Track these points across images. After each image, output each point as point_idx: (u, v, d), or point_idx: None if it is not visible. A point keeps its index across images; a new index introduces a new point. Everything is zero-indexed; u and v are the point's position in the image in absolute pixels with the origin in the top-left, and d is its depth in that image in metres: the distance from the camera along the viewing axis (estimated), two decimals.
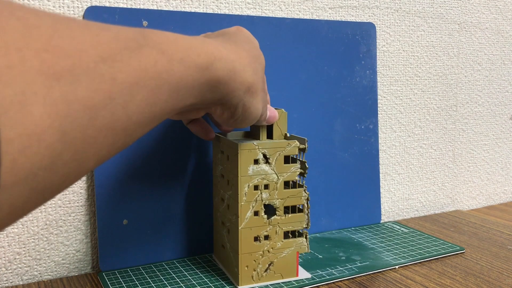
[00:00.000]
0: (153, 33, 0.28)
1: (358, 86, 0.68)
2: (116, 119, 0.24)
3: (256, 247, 0.49)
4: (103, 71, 0.23)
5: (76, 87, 0.22)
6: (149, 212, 0.56)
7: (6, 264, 0.53)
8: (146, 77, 0.26)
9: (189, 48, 0.30)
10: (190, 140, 0.58)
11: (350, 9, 0.70)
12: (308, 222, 0.51)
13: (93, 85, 0.22)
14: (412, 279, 0.52)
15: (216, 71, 0.33)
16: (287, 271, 0.50)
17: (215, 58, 0.33)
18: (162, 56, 0.27)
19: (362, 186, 0.69)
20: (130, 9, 0.54)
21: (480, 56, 0.84)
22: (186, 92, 0.30)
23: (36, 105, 0.20)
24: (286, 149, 0.49)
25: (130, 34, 0.26)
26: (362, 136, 0.69)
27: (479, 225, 0.71)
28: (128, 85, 0.25)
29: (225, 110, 0.39)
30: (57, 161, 0.21)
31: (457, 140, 0.83)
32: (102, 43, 0.24)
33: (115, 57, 0.24)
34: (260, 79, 0.40)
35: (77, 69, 0.22)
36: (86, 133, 0.22)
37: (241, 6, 0.62)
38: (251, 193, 0.49)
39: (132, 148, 0.55)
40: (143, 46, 0.26)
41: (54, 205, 0.54)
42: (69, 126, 0.21)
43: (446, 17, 0.79)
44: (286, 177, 0.50)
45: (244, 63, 0.37)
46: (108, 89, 0.23)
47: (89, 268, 0.57)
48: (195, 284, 0.50)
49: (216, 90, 0.34)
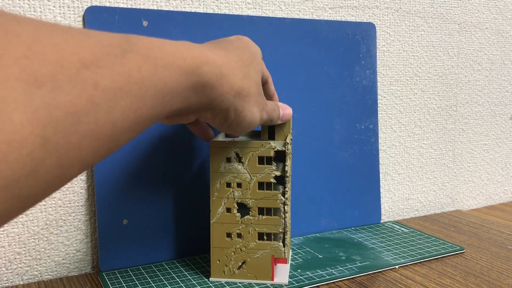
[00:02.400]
0: (137, 39, 0.28)
1: (358, 86, 0.68)
2: (100, 125, 0.24)
3: (228, 243, 0.50)
4: (85, 77, 0.23)
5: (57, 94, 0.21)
6: (149, 212, 0.56)
7: (7, 264, 0.53)
8: (131, 83, 0.26)
9: (175, 53, 0.30)
10: (190, 140, 0.58)
11: (350, 9, 0.70)
12: (285, 227, 0.50)
13: (75, 91, 0.22)
14: (412, 279, 0.52)
15: (202, 76, 0.33)
16: (261, 273, 0.50)
17: (201, 62, 0.33)
18: (146, 61, 0.27)
19: (362, 186, 0.69)
20: (130, 9, 0.55)
21: (480, 56, 0.84)
22: (172, 97, 0.30)
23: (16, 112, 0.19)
24: (260, 150, 0.49)
25: (114, 40, 0.26)
26: (362, 136, 0.69)
27: (479, 225, 0.71)
28: (112, 91, 0.24)
29: (216, 115, 0.38)
30: (39, 168, 0.21)
31: (457, 140, 0.83)
32: (85, 49, 0.24)
33: (98, 63, 0.24)
34: (253, 83, 0.39)
35: (59, 76, 0.22)
36: (69, 139, 0.22)
37: (241, 6, 0.62)
38: (223, 190, 0.49)
39: (132, 149, 0.55)
40: (127, 51, 0.26)
41: (55, 205, 0.54)
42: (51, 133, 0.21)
43: (446, 17, 0.79)
44: (260, 178, 0.49)
45: (233, 67, 0.37)
46: (91, 95, 0.23)
47: (89, 268, 0.57)
48: (195, 284, 0.50)
49: (202, 94, 0.34)
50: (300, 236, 0.64)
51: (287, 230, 0.50)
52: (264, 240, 0.50)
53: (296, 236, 0.64)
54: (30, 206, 0.22)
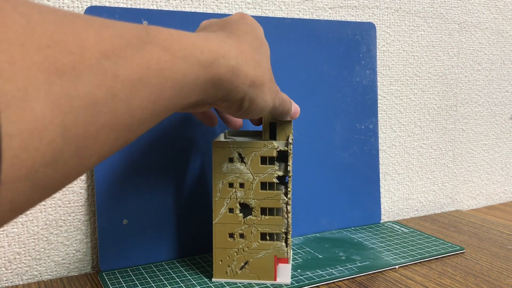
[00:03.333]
0: (156, 30, 0.28)
1: (358, 86, 0.68)
2: (119, 115, 0.24)
3: (231, 243, 0.50)
4: (105, 67, 0.23)
5: (78, 83, 0.22)
6: (149, 212, 0.56)
7: (6, 264, 0.53)
8: (149, 74, 0.26)
9: (192, 45, 0.30)
10: (190, 140, 0.58)
11: (350, 9, 0.70)
12: (287, 227, 0.50)
13: (95, 81, 0.22)
14: (412, 279, 0.52)
15: (219, 68, 0.33)
16: (264, 273, 0.50)
17: (218, 55, 0.33)
18: (165, 53, 0.27)
19: (362, 186, 0.69)
20: (130, 9, 0.54)
21: (480, 56, 0.84)
22: (189, 89, 0.30)
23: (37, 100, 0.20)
24: (262, 150, 0.49)
25: (134, 31, 0.26)
26: (362, 136, 0.69)
27: (479, 225, 0.71)
28: (131, 82, 0.25)
29: (231, 105, 0.38)
30: (58, 157, 0.21)
31: (457, 140, 0.83)
32: (105, 39, 0.24)
33: (118, 53, 0.24)
34: (266, 70, 0.39)
35: (80, 65, 0.22)
36: (88, 129, 0.22)
37: (241, 6, 0.62)
38: (225, 190, 0.49)
39: (133, 148, 0.55)
40: (146, 43, 0.26)
41: (54, 205, 0.54)
42: (71, 122, 0.21)
43: (446, 17, 0.79)
44: (263, 178, 0.49)
45: (247, 57, 0.37)
46: (111, 86, 0.23)
47: (89, 268, 0.57)
48: (195, 284, 0.50)
49: (219, 87, 0.34)
50: (300, 236, 0.64)
51: (289, 230, 0.50)
52: (266, 240, 0.50)
53: (296, 236, 0.64)
54: (48, 196, 0.23)
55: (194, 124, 0.58)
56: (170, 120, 0.56)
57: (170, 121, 0.56)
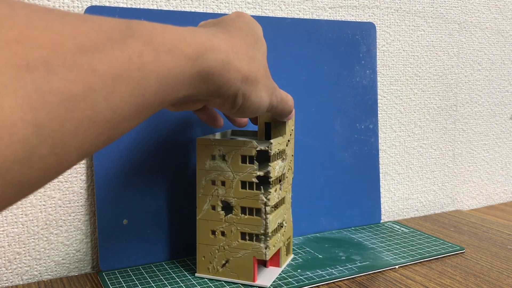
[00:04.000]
0: (139, 24, 0.27)
1: (358, 86, 0.68)
2: (98, 111, 0.24)
3: (213, 240, 0.50)
4: (81, 62, 0.22)
5: (51, 79, 0.21)
6: (149, 212, 0.56)
7: (6, 263, 0.53)
8: (131, 69, 0.25)
9: (178, 39, 0.30)
10: (190, 139, 0.58)
11: (350, 9, 0.70)
12: (266, 229, 0.48)
13: (71, 76, 0.22)
14: (412, 279, 0.52)
15: (207, 62, 0.32)
16: (243, 273, 0.50)
17: (206, 48, 0.32)
18: (148, 47, 0.27)
19: (362, 186, 0.69)
20: (130, 9, 0.54)
21: (480, 56, 0.84)
22: (177, 84, 0.29)
23: (5, 97, 0.19)
24: (242, 148, 0.48)
25: (114, 25, 0.26)
26: (362, 136, 0.69)
27: (479, 225, 0.71)
28: (111, 77, 0.24)
29: (225, 102, 0.38)
30: (33, 154, 0.21)
31: (457, 140, 0.83)
32: (82, 33, 0.23)
33: (95, 48, 0.23)
34: (260, 66, 0.38)
35: (53, 60, 0.21)
36: (65, 126, 0.22)
37: (241, 5, 0.62)
38: (208, 187, 0.50)
39: (132, 148, 0.55)
40: (128, 37, 0.26)
41: (54, 205, 0.54)
42: (45, 119, 0.21)
43: (446, 17, 0.79)
44: (243, 177, 0.49)
45: (238, 52, 0.36)
46: (88, 81, 0.23)
47: (89, 268, 0.57)
48: (195, 284, 0.50)
49: (209, 81, 0.33)
50: (300, 236, 0.64)
51: (268, 232, 0.49)
52: (246, 240, 0.49)
53: (296, 236, 0.64)
54: (27, 194, 0.22)
55: (194, 124, 0.58)
56: (170, 120, 0.56)
57: (170, 121, 0.56)
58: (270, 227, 0.49)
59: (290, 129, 0.53)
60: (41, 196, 0.54)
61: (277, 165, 0.49)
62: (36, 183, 0.22)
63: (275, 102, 0.42)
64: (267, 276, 0.51)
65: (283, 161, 0.51)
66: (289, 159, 0.53)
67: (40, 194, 0.53)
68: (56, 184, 0.54)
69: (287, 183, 0.53)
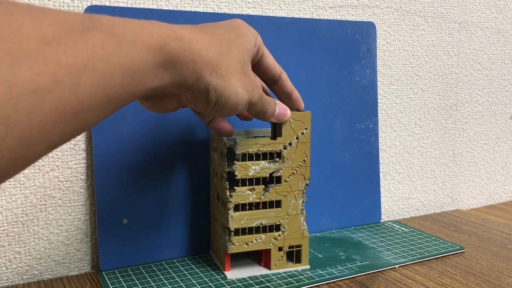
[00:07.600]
0: (101, 17, 0.28)
1: (358, 85, 0.68)
2: (65, 103, 0.24)
3: (214, 224, 0.56)
4: (46, 53, 0.23)
5: (16, 70, 0.21)
6: (149, 211, 0.56)
7: (7, 263, 0.53)
8: (95, 59, 0.26)
9: (141, 31, 0.30)
10: (190, 139, 0.58)
11: (350, 8, 0.70)
12: (227, 223, 0.50)
13: (37, 68, 0.22)
14: (412, 279, 0.52)
15: (169, 52, 0.32)
16: (221, 262, 0.53)
17: (169, 38, 0.32)
18: (110, 38, 0.27)
19: (362, 185, 0.69)
20: (130, 8, 0.54)
21: (480, 56, 0.84)
22: (142, 75, 0.30)
23: None
24: (220, 144, 0.51)
25: (77, 17, 0.26)
26: (362, 135, 0.69)
27: (479, 224, 0.71)
28: (76, 68, 0.24)
29: (197, 97, 0.37)
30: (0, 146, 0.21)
31: (457, 140, 0.83)
32: (45, 26, 0.23)
33: (59, 39, 0.24)
34: (234, 61, 0.38)
35: (17, 52, 0.21)
36: (32, 117, 0.22)
37: (241, 5, 0.62)
38: (212, 176, 0.56)
39: (132, 148, 0.55)
40: (90, 29, 0.26)
41: (55, 204, 0.54)
42: (11, 110, 0.21)
43: (446, 17, 0.79)
44: (219, 170, 0.51)
45: (206, 44, 0.35)
46: (54, 72, 0.23)
47: (89, 267, 0.57)
48: (195, 283, 0.50)
49: (174, 71, 0.33)
50: None
51: (229, 227, 0.50)
52: (222, 230, 0.52)
53: None
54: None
55: (195, 124, 0.58)
56: (170, 120, 0.56)
57: (170, 121, 0.56)
58: (232, 223, 0.50)
59: (296, 133, 0.51)
60: (41, 196, 0.54)
61: (257, 165, 0.49)
62: (5, 174, 0.22)
63: (255, 99, 0.41)
64: (244, 272, 0.52)
65: (274, 164, 0.51)
66: (290, 164, 0.52)
67: (41, 193, 0.54)
68: (56, 184, 0.54)
69: (289, 187, 0.53)
